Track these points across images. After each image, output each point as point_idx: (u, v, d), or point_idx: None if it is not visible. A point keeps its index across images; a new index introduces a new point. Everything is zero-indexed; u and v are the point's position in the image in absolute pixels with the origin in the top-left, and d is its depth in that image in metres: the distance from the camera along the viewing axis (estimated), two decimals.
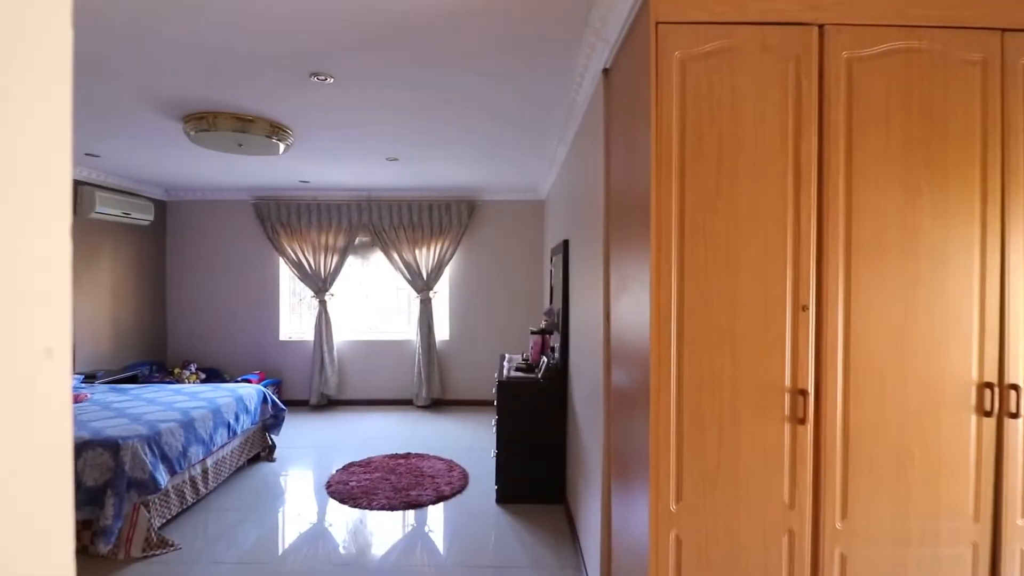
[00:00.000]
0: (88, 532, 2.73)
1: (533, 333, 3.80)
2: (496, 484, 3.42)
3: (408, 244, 5.75)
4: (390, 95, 2.73)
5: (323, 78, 2.46)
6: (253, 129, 3.07)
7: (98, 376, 4.54)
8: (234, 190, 5.72)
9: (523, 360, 3.78)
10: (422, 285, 5.77)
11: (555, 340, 3.77)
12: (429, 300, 5.78)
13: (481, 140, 3.63)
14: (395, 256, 5.77)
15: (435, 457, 4.21)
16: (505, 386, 3.39)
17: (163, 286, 5.91)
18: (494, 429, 3.43)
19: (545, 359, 3.54)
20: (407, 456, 4.24)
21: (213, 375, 5.68)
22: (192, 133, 3.05)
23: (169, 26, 1.98)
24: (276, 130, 3.18)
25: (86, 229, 4.78)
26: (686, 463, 1.42)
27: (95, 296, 4.93)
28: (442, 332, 5.96)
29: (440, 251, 5.77)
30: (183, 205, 5.92)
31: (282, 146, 3.36)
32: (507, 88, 2.64)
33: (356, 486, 3.65)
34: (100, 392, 3.96)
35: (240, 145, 3.24)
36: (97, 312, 4.95)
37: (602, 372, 2.18)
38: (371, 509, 3.34)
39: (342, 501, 3.45)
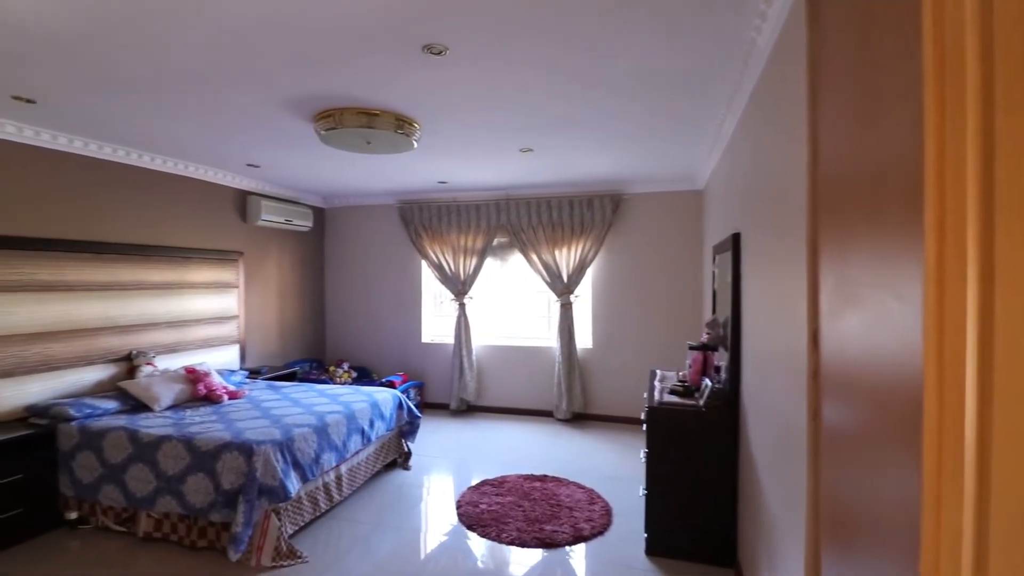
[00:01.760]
0: (227, 534, 2.75)
1: (692, 348, 3.12)
2: (646, 531, 2.82)
3: (547, 244, 5.36)
4: (514, 67, 2.31)
5: (437, 51, 2.12)
6: (379, 124, 2.89)
7: (262, 372, 4.87)
8: (381, 195, 5.85)
9: (679, 381, 3.12)
10: (562, 288, 5.33)
11: (720, 358, 3.05)
12: (570, 304, 5.32)
13: (626, 120, 3.06)
14: (534, 257, 5.41)
15: (574, 484, 3.73)
16: (657, 413, 2.78)
17: (322, 288, 6.28)
18: (643, 459, 2.85)
19: (707, 382, 2.85)
20: (544, 479, 3.81)
21: (363, 374, 5.87)
22: (322, 132, 2.97)
23: (273, 13, 1.78)
24: (401, 123, 2.97)
25: (254, 235, 5.18)
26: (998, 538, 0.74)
27: (263, 297, 5.34)
28: (584, 339, 5.46)
29: (582, 251, 5.27)
30: (339, 211, 6.24)
31: (410, 140, 3.15)
32: (658, 42, 2.06)
33: (486, 510, 3.32)
34: (257, 389, 4.18)
35: (369, 143, 3.10)
36: (264, 312, 5.35)
37: (803, 407, 1.51)
38: (499, 541, 2.97)
39: (470, 527, 3.14)
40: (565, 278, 5.33)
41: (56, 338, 3.37)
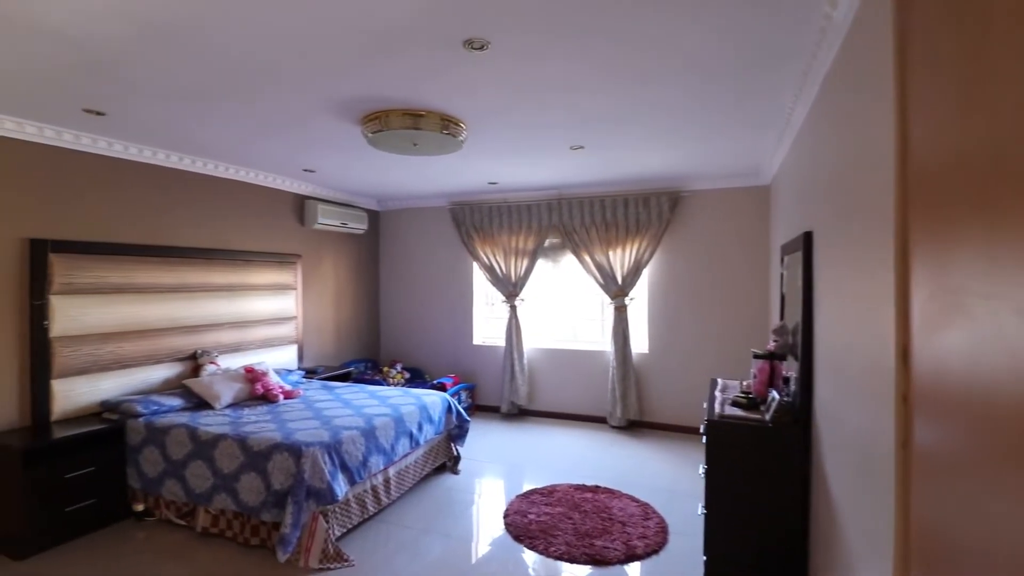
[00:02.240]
0: (277, 534, 2.78)
1: (757, 357, 2.88)
2: (705, 553, 2.61)
3: (601, 245, 5.18)
4: (559, 59, 2.19)
5: (478, 46, 2.03)
6: (424, 124, 2.84)
7: (318, 372, 4.99)
8: (433, 196, 5.86)
9: (742, 392, 2.88)
10: (616, 290, 5.13)
11: (789, 368, 2.79)
12: (624, 307, 5.11)
13: (683, 113, 2.86)
14: (586, 258, 5.25)
15: (628, 496, 3.55)
16: (718, 426, 2.57)
17: (377, 289, 6.39)
18: (702, 475, 2.64)
19: (774, 394, 2.61)
20: (595, 490, 3.66)
21: (416, 375, 5.91)
22: (369, 135, 2.96)
23: (313, 11, 1.75)
24: (447, 123, 2.91)
25: (311, 238, 5.32)
26: None
27: (320, 298, 5.47)
28: (639, 344, 5.23)
29: (637, 252, 5.05)
30: (393, 214, 6.32)
31: (457, 141, 3.09)
32: (719, 25, 1.87)
33: (535, 521, 3.21)
34: (312, 389, 4.27)
35: (415, 144, 3.07)
36: (321, 313, 5.49)
37: (890, 433, 1.31)
38: (547, 555, 2.85)
39: (517, 538, 3.04)
40: (619, 280, 5.13)
41: (127, 338, 3.56)
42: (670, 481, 3.84)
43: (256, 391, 3.85)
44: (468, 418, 4.21)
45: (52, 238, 3.19)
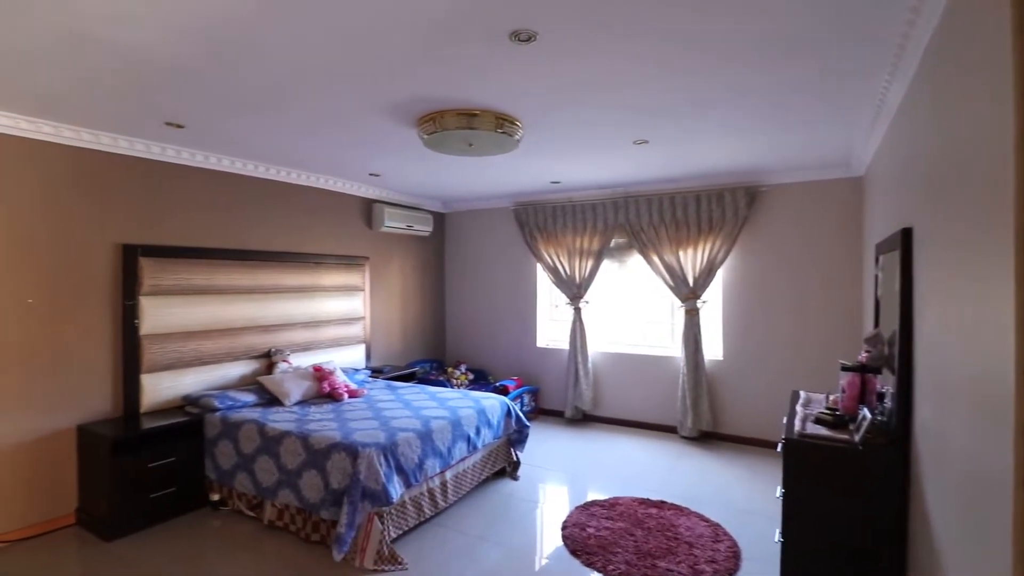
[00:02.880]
0: (334, 532, 2.83)
1: (846, 369, 2.56)
2: None
3: (670, 244, 4.90)
4: (614, 46, 2.04)
5: (525, 38, 1.93)
6: (479, 124, 2.79)
7: (384, 371, 5.09)
8: (497, 197, 5.83)
9: (828, 408, 2.58)
10: (687, 292, 4.84)
11: (884, 383, 2.46)
12: (696, 311, 4.81)
13: (760, 98, 2.60)
14: (655, 259, 4.99)
15: (696, 514, 3.31)
16: (798, 445, 2.30)
17: (442, 291, 6.46)
18: (779, 497, 2.38)
19: (865, 412, 2.30)
20: (660, 505, 3.44)
21: (480, 376, 5.90)
22: (425, 136, 2.95)
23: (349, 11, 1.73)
24: (502, 122, 2.84)
25: (379, 240, 5.45)
26: None
27: (387, 299, 5.60)
28: (712, 350, 4.90)
29: (710, 252, 4.74)
30: (457, 216, 6.36)
31: (513, 139, 3.01)
32: None
33: (593, 535, 3.06)
34: (377, 388, 4.35)
35: (471, 145, 3.02)
36: (388, 314, 5.61)
37: (1008, 462, 1.07)
38: (604, 573, 2.69)
39: (574, 552, 2.90)
40: (691, 281, 4.84)
41: (208, 336, 3.79)
42: (745, 500, 3.54)
43: (323, 389, 3.97)
44: (528, 423, 4.12)
45: (142, 243, 3.45)
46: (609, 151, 3.69)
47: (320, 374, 4.06)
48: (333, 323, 4.83)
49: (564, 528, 3.16)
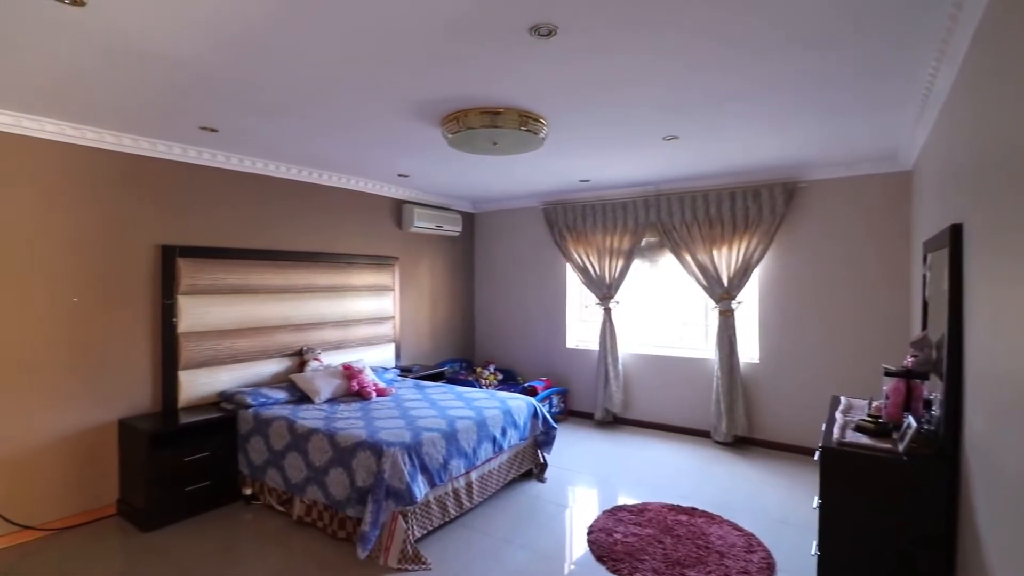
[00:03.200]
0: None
1: (889, 374, 2.41)
2: None
3: (704, 243, 4.76)
4: (637, 38, 1.97)
5: (545, 32, 1.89)
6: (502, 122, 2.76)
7: (413, 370, 5.13)
8: (525, 197, 5.80)
9: (870, 415, 2.43)
10: (722, 293, 4.69)
11: (932, 390, 2.31)
12: (731, 312, 4.65)
13: (795, 89, 2.48)
14: (687, 258, 4.86)
15: (729, 523, 3.19)
16: (836, 454, 2.18)
17: (471, 291, 6.46)
18: (816, 508, 2.27)
19: (910, 420, 2.16)
20: (691, 512, 3.33)
21: (509, 376, 5.88)
22: (449, 136, 2.94)
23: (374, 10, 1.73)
24: (526, 119, 2.80)
25: (408, 240, 5.50)
26: None
27: (416, 299, 5.64)
28: (748, 352, 4.74)
29: (746, 251, 4.58)
30: (487, 216, 6.35)
31: (538, 137, 2.97)
32: None
33: (620, 541, 2.99)
34: (405, 387, 4.38)
35: (495, 143, 2.99)
36: (417, 313, 5.65)
37: None
38: None
39: (599, 558, 2.84)
40: (725, 281, 4.69)
41: (242, 334, 3.89)
42: (781, 509, 3.40)
43: (352, 388, 4.02)
44: (555, 425, 4.07)
45: (179, 244, 3.57)
46: (638, 148, 3.60)
47: (349, 372, 4.11)
48: (363, 322, 4.89)
49: (590, 533, 3.10)
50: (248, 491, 3.46)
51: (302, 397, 3.86)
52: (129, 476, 3.22)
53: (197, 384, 3.62)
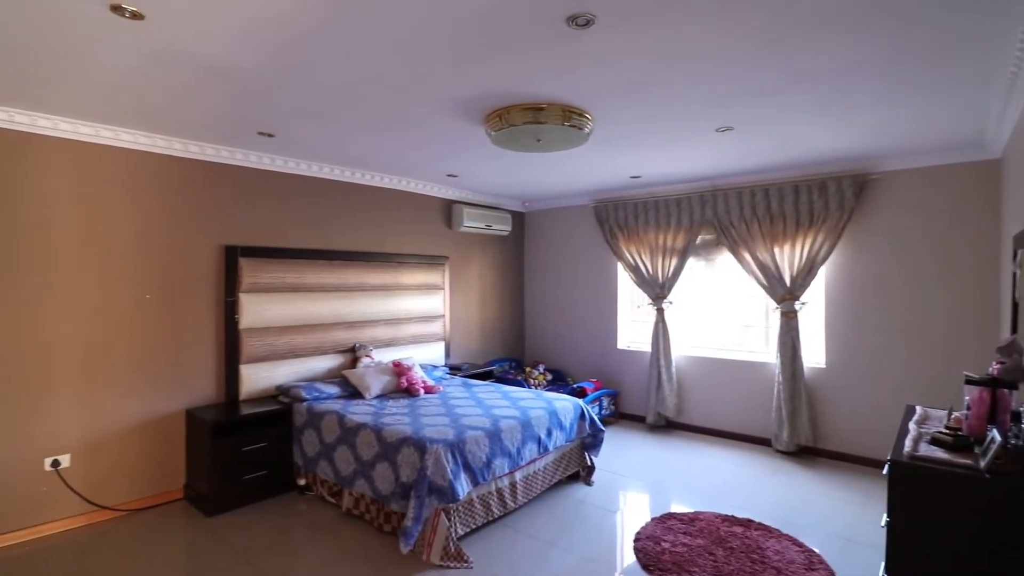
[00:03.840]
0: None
1: (971, 383, 2.18)
2: None
3: (764, 240, 4.51)
4: (680, 22, 1.87)
5: (583, 23, 1.83)
6: (545, 118, 2.72)
7: (462, 369, 5.17)
8: (575, 195, 5.72)
9: (948, 428, 2.21)
10: (784, 293, 4.43)
11: (1021, 402, 2.07)
12: (794, 313, 4.38)
13: (863, 71, 2.29)
14: (746, 256, 4.62)
15: (788, 537, 3.00)
16: (907, 470, 1.99)
17: (521, 290, 6.44)
18: (884, 527, 2.08)
19: (995, 433, 1.94)
20: (747, 524, 3.16)
21: (558, 377, 5.81)
22: (492, 133, 2.93)
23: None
24: (569, 114, 2.74)
25: (458, 240, 5.55)
26: None
27: (466, 298, 5.69)
28: (813, 356, 4.45)
29: (811, 248, 4.30)
30: (537, 215, 6.32)
31: (583, 133, 2.90)
32: None
33: (668, 551, 2.87)
34: (452, 385, 4.42)
35: (539, 140, 2.95)
36: (467, 312, 5.70)
37: None
38: None
39: (646, 567, 2.74)
40: (788, 281, 4.42)
41: (299, 331, 4.05)
42: (846, 526, 3.16)
43: (401, 384, 4.10)
44: (602, 427, 3.97)
45: (241, 244, 3.76)
46: (689, 141, 3.45)
47: (399, 369, 4.19)
48: (414, 321, 4.98)
49: (637, 540, 2.99)
50: (302, 481, 3.59)
51: (354, 392, 3.97)
52: (194, 463, 3.43)
53: (257, 377, 3.81)
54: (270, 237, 3.96)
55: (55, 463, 3.02)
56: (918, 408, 2.74)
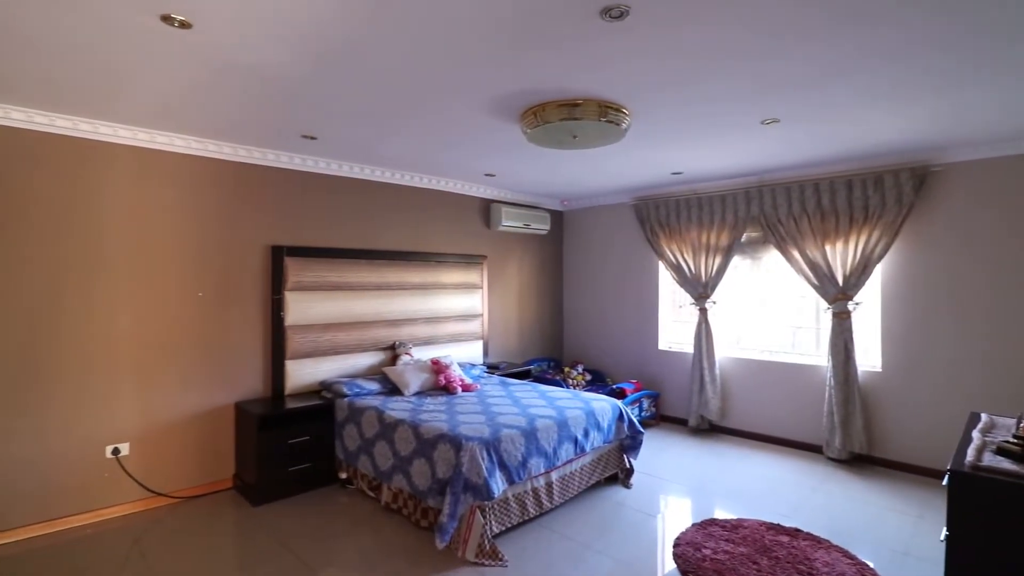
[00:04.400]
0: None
1: None
2: None
3: (814, 237, 4.32)
4: (717, 14, 1.81)
5: (617, 14, 1.80)
6: (581, 113, 2.68)
7: (500, 367, 5.18)
8: (615, 193, 5.63)
9: (1016, 437, 2.04)
10: (836, 293, 4.22)
11: None
12: (847, 314, 4.17)
13: (921, 56, 2.14)
14: (795, 254, 4.43)
15: (839, 549, 2.85)
16: (969, 481, 1.85)
17: (560, 289, 6.40)
18: (943, 542, 1.95)
19: None
20: (795, 534, 3.02)
21: (597, 377, 5.74)
22: (528, 131, 2.92)
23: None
24: (605, 110, 2.70)
25: (496, 239, 5.56)
26: None
27: (504, 298, 5.70)
28: (868, 360, 4.22)
29: (865, 245, 4.08)
30: (575, 214, 6.26)
31: (620, 128, 2.85)
32: None
33: (709, 558, 2.78)
34: (490, 384, 4.43)
35: (575, 137, 2.92)
36: (505, 311, 5.71)
37: None
38: None
39: (685, 574, 2.66)
40: (840, 280, 4.21)
41: (341, 328, 4.16)
42: (902, 539, 2.97)
43: (439, 382, 4.14)
44: (641, 429, 3.89)
45: (286, 244, 3.89)
46: (733, 135, 3.34)
47: (437, 367, 4.24)
48: (452, 319, 5.03)
49: (676, 546, 2.91)
50: (343, 475, 3.68)
51: (393, 389, 4.05)
52: (243, 454, 3.57)
53: (302, 373, 3.93)
54: (314, 237, 4.08)
55: (115, 451, 3.21)
56: (983, 415, 2.55)
